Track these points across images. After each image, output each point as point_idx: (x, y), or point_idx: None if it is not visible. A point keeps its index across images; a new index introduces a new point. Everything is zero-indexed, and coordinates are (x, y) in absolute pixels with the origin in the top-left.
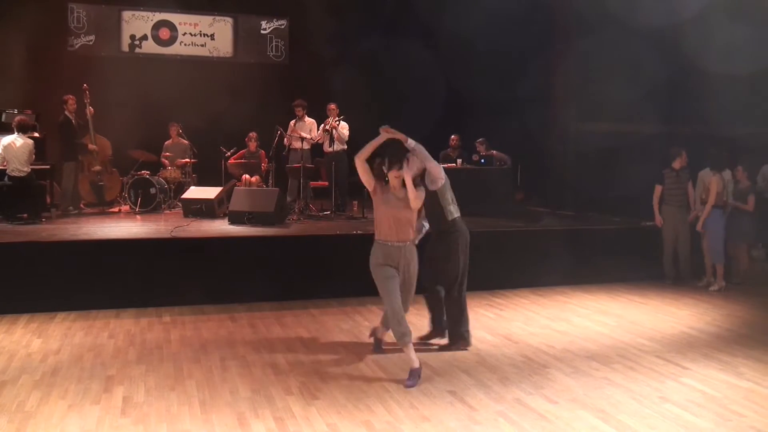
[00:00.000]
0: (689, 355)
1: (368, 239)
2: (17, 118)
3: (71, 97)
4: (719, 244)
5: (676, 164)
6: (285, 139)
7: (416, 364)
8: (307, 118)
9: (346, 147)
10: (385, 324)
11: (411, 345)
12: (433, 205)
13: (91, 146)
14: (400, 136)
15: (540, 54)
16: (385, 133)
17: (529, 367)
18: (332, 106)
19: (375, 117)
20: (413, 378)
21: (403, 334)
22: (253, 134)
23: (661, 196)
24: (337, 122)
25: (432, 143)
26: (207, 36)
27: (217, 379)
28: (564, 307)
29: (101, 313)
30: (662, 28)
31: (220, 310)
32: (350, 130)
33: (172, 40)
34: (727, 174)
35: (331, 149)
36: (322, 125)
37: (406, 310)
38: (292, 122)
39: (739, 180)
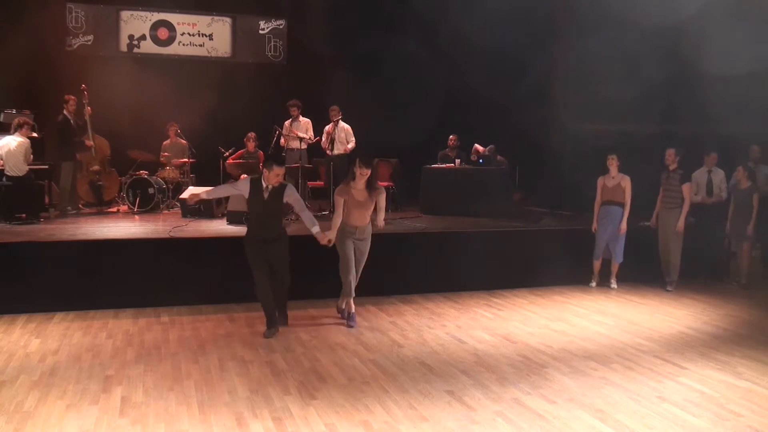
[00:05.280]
0: (687, 355)
1: None
2: (15, 118)
3: (72, 97)
4: (623, 245)
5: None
6: (282, 140)
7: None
8: (302, 118)
9: (349, 147)
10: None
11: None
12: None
13: (88, 142)
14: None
15: (539, 54)
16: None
17: (527, 367)
18: (333, 109)
19: (374, 117)
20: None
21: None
22: (251, 134)
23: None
24: (333, 126)
25: (431, 143)
26: (205, 36)
27: (216, 379)
28: (562, 307)
29: (99, 313)
30: (661, 28)
31: (219, 310)
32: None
33: (170, 40)
34: (720, 173)
35: (330, 152)
36: (324, 131)
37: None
38: (288, 122)
39: (740, 180)
